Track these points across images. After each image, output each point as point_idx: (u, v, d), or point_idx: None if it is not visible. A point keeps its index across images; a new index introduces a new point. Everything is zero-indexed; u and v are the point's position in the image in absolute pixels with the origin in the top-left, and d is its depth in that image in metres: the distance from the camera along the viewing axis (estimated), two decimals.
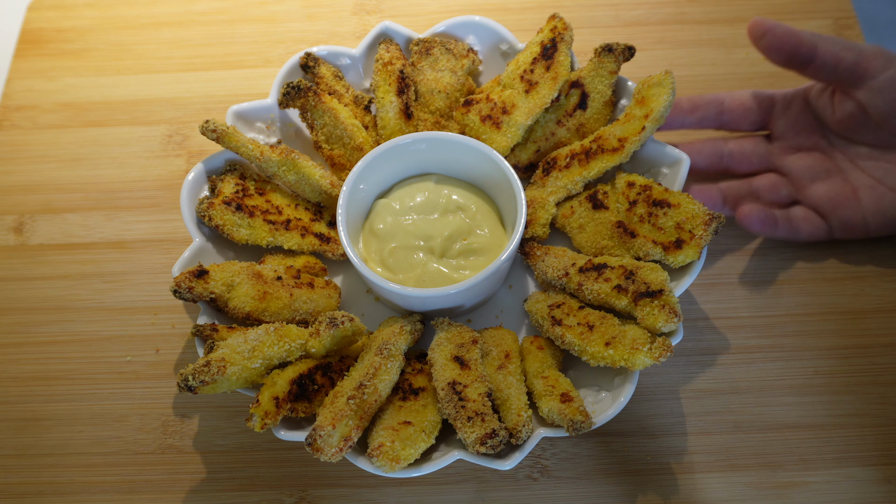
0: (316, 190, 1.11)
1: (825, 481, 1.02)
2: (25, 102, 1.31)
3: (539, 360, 1.02)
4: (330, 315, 0.99)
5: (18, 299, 1.17)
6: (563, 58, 1.12)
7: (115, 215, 1.22)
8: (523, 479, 1.03)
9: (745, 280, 1.14)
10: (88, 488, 1.05)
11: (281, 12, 1.37)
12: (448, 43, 1.18)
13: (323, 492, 1.04)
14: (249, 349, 0.95)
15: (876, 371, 1.07)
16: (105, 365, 1.12)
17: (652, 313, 0.97)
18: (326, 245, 1.11)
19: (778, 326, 1.10)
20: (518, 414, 0.95)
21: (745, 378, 1.08)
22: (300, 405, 0.96)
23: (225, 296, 1.02)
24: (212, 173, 1.12)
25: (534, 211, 1.10)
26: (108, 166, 1.26)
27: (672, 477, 1.03)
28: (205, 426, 1.08)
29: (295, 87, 1.11)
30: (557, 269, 1.05)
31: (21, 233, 1.22)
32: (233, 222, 1.07)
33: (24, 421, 1.09)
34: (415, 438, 0.94)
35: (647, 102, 1.08)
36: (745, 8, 1.33)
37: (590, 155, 1.10)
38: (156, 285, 1.17)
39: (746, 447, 1.04)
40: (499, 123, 1.11)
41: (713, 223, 1.00)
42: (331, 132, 1.13)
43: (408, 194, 1.11)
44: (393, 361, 0.98)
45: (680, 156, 1.08)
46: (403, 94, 1.14)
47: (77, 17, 1.38)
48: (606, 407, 0.97)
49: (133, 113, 1.30)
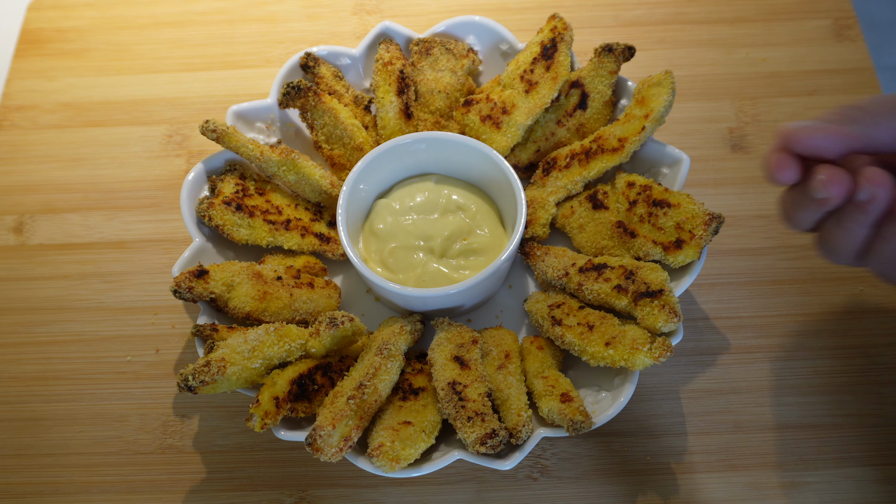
0: (316, 190, 1.11)
1: (825, 481, 1.02)
2: (25, 102, 1.31)
3: (539, 360, 1.02)
4: (330, 315, 0.99)
5: (18, 299, 1.17)
6: (563, 58, 1.12)
7: (115, 215, 1.22)
8: (523, 479, 1.03)
9: (745, 280, 1.14)
10: (88, 488, 1.05)
11: (281, 12, 1.37)
12: (448, 43, 1.18)
13: (323, 492, 1.04)
14: (249, 349, 0.95)
15: (876, 371, 1.07)
16: (105, 365, 1.12)
17: (652, 313, 0.97)
18: (326, 245, 1.11)
19: (778, 326, 1.10)
20: (518, 414, 0.95)
21: (745, 378, 1.08)
22: (300, 405, 0.96)
23: (225, 296, 1.02)
24: (212, 173, 1.12)
25: (534, 211, 1.10)
26: (108, 166, 1.26)
27: (672, 477, 1.03)
28: (205, 426, 1.08)
29: (295, 87, 1.11)
30: (557, 269, 1.05)
31: (21, 233, 1.22)
32: (233, 222, 1.07)
33: (24, 421, 1.09)
34: (415, 438, 0.94)
35: (647, 102, 1.08)
36: (745, 8, 1.33)
37: (590, 155, 1.10)
38: (156, 285, 1.17)
39: (746, 447, 1.04)
40: (499, 123, 1.11)
41: (713, 223, 1.00)
42: (331, 132, 1.13)
43: (408, 194, 1.11)
44: (393, 361, 0.98)
45: (680, 156, 1.08)
46: (403, 94, 1.14)
47: (77, 17, 1.38)
48: (606, 407, 0.97)
49: (133, 113, 1.30)
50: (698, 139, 1.23)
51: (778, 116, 1.24)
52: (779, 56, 1.29)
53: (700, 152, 1.22)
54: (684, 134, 1.23)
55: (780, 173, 0.83)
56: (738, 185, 1.20)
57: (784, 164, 0.83)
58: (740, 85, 1.27)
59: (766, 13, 1.32)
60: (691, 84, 1.27)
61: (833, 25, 1.31)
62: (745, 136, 1.23)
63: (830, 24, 1.31)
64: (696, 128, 1.24)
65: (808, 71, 1.27)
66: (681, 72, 1.27)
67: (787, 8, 1.33)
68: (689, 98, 1.26)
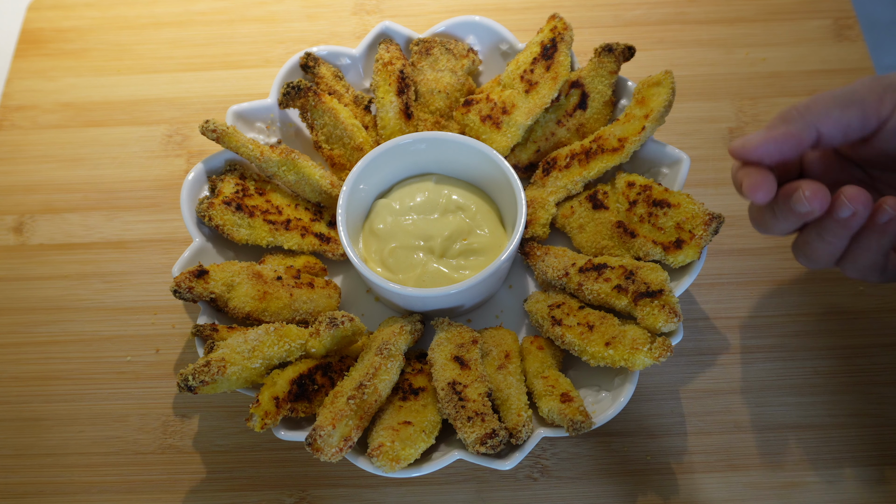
0: (316, 190, 1.11)
1: (825, 481, 1.02)
2: (25, 102, 1.31)
3: (539, 360, 1.02)
4: (330, 315, 0.99)
5: (18, 299, 1.17)
6: (563, 58, 1.12)
7: (115, 215, 1.22)
8: (523, 479, 1.03)
9: (745, 280, 1.14)
10: (88, 488, 1.05)
11: (281, 12, 1.37)
12: (448, 43, 1.18)
13: (323, 492, 1.04)
14: (249, 349, 0.95)
15: (876, 371, 1.07)
16: (105, 365, 1.12)
17: (652, 313, 0.97)
18: (326, 245, 1.11)
19: (778, 326, 1.10)
20: (518, 414, 0.95)
21: (745, 378, 1.08)
22: (300, 405, 0.96)
23: (225, 296, 1.02)
24: (212, 173, 1.12)
25: (534, 211, 1.10)
26: (108, 166, 1.26)
27: (672, 477, 1.03)
28: (205, 426, 1.08)
29: (295, 87, 1.11)
30: (557, 269, 1.05)
31: (21, 233, 1.22)
32: (233, 222, 1.07)
33: (24, 421, 1.09)
34: (415, 438, 0.94)
35: (647, 102, 1.09)
36: (745, 8, 1.33)
37: (590, 155, 1.10)
38: (156, 285, 1.17)
39: (746, 447, 1.04)
40: (499, 123, 1.11)
41: (713, 223, 1.00)
42: (331, 132, 1.13)
43: (408, 194, 1.11)
44: (393, 361, 0.98)
45: (680, 156, 1.08)
46: (403, 94, 1.14)
47: (77, 17, 1.38)
48: (606, 407, 0.97)
49: (133, 113, 1.30)
50: (698, 139, 1.23)
51: None
52: (779, 56, 1.29)
53: (700, 152, 1.22)
54: (684, 134, 1.23)
55: (755, 195, 0.87)
56: None
57: (758, 185, 0.87)
58: (740, 85, 1.27)
59: (766, 13, 1.32)
60: (691, 84, 1.27)
61: (833, 25, 1.31)
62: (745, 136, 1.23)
63: (830, 24, 1.31)
64: (696, 128, 1.24)
65: (808, 71, 1.28)
66: (681, 72, 1.27)
67: (787, 8, 1.33)
68: (689, 98, 1.26)
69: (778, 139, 0.88)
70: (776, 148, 0.88)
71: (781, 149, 0.88)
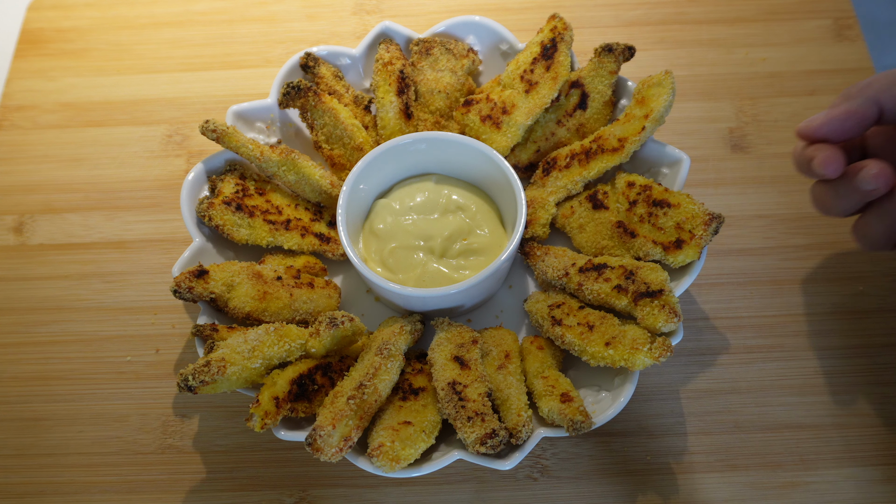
0: (316, 190, 1.11)
1: (825, 481, 1.02)
2: (25, 102, 1.31)
3: (539, 360, 1.02)
4: (330, 315, 0.99)
5: (18, 299, 1.17)
6: (563, 58, 1.12)
7: (115, 215, 1.22)
8: (523, 479, 1.03)
9: (745, 280, 1.14)
10: (88, 488, 1.05)
11: (281, 12, 1.37)
12: (448, 43, 1.18)
13: (323, 492, 1.04)
14: (249, 349, 0.95)
15: (876, 371, 1.07)
16: (105, 365, 1.12)
17: (652, 313, 0.97)
18: (326, 245, 1.11)
19: (778, 326, 1.10)
20: (518, 414, 0.95)
21: (745, 378, 1.08)
22: (300, 405, 0.96)
23: (225, 296, 1.02)
24: (212, 173, 1.12)
25: (534, 211, 1.10)
26: (108, 166, 1.26)
27: (672, 477, 1.03)
28: (205, 426, 1.08)
29: (295, 87, 1.11)
30: (557, 269, 1.05)
31: (21, 233, 1.22)
32: (233, 222, 1.07)
33: (24, 421, 1.09)
34: (415, 438, 0.94)
35: (647, 102, 1.08)
36: (745, 8, 1.33)
37: (590, 155, 1.10)
38: (156, 285, 1.17)
39: (746, 447, 1.04)
40: (499, 123, 1.11)
41: (713, 223, 1.00)
42: (331, 132, 1.13)
43: (408, 194, 1.11)
44: (393, 361, 0.98)
45: (680, 156, 1.08)
46: (403, 94, 1.14)
47: (77, 17, 1.38)
48: (606, 407, 0.97)
49: (133, 113, 1.30)
50: (698, 139, 1.23)
51: (778, 116, 1.24)
52: (779, 56, 1.29)
53: (700, 152, 1.22)
54: (684, 134, 1.23)
55: (827, 168, 0.90)
56: (738, 185, 1.20)
57: (829, 159, 0.90)
58: (740, 85, 1.27)
59: (766, 13, 1.32)
60: (691, 84, 1.27)
61: (833, 25, 1.31)
62: (745, 136, 1.23)
63: (830, 24, 1.31)
64: (696, 128, 1.24)
65: (808, 71, 1.28)
66: (681, 72, 1.27)
67: (787, 8, 1.33)
68: (689, 98, 1.26)
69: (840, 116, 0.91)
70: (839, 125, 0.91)
71: (844, 125, 0.91)
